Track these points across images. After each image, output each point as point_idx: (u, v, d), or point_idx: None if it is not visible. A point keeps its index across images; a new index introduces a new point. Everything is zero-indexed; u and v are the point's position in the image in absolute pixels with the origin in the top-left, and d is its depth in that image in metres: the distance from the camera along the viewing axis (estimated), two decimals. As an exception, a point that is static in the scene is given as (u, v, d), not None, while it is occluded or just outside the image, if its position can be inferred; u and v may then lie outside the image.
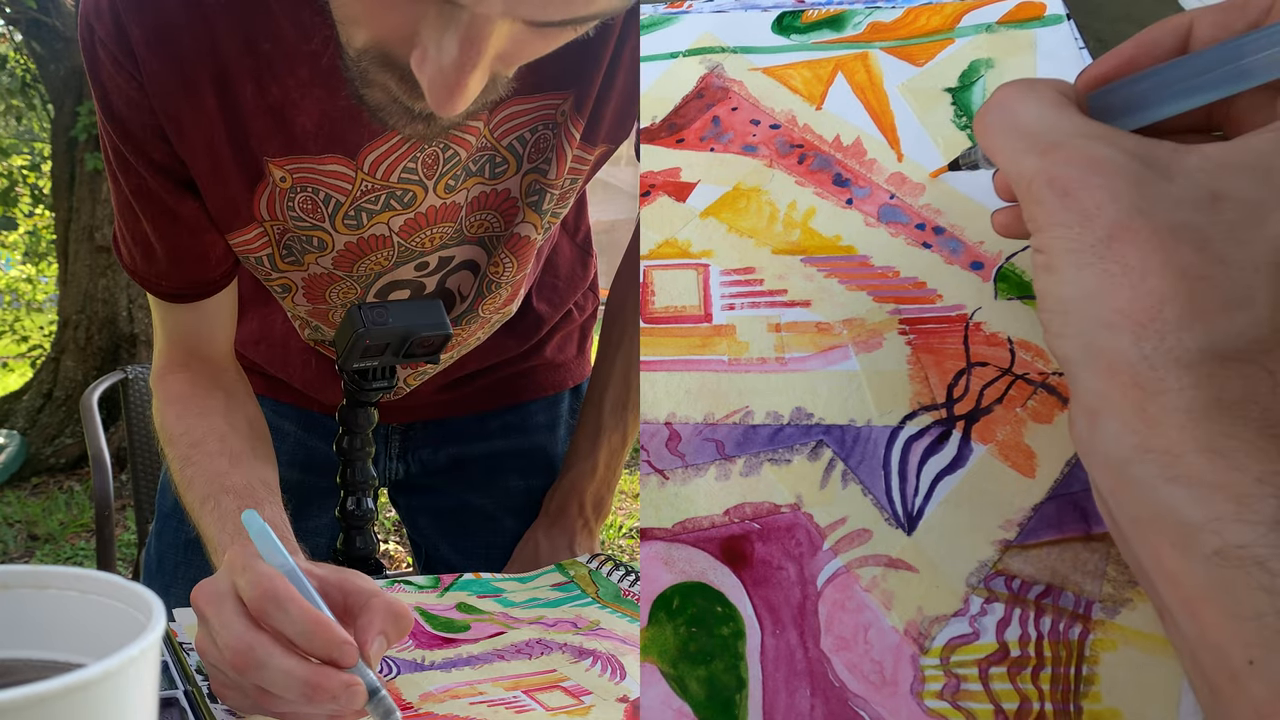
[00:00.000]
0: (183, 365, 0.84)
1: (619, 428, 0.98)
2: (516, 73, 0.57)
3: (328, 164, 0.73)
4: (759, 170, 0.44)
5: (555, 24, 0.48)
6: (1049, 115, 0.32)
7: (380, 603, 0.59)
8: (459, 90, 0.50)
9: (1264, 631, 0.26)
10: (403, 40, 0.52)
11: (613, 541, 3.66)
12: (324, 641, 0.54)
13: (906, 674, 0.35)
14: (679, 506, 0.38)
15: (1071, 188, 0.30)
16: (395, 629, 0.58)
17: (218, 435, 0.78)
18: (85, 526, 3.87)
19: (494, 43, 0.49)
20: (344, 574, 0.61)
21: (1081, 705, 0.35)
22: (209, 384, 0.83)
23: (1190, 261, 0.28)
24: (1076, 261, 0.30)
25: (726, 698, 0.36)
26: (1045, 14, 0.47)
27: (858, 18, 0.49)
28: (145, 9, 0.67)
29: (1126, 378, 0.29)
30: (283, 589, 0.55)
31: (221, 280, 0.82)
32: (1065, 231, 0.30)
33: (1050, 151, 0.31)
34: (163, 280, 0.80)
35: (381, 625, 0.58)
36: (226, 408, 0.81)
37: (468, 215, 0.80)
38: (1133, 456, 0.29)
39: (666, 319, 0.41)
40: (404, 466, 1.07)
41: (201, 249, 0.78)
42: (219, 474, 0.75)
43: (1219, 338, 0.28)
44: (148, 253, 0.79)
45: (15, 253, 7.96)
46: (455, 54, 0.49)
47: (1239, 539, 0.26)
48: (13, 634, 0.34)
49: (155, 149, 0.72)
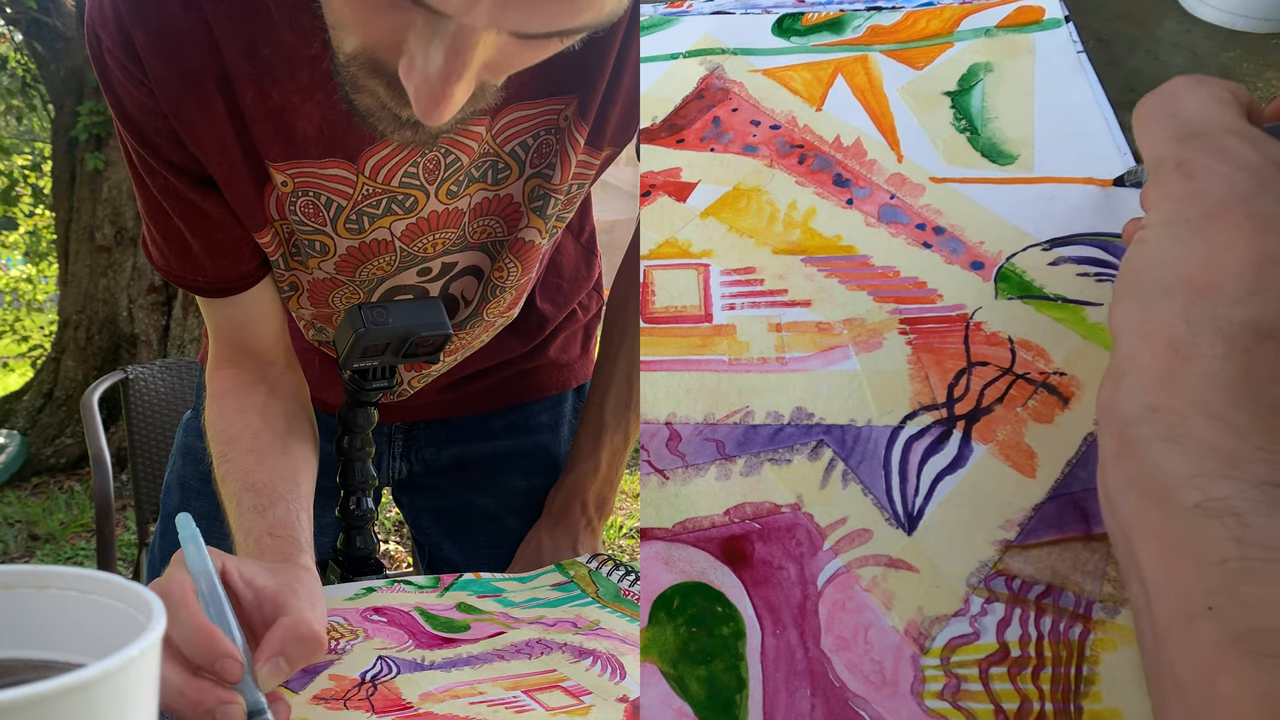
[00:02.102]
0: (230, 361, 0.84)
1: (621, 427, 0.98)
2: (519, 78, 0.57)
3: (329, 168, 0.73)
4: (759, 170, 0.44)
5: (541, 36, 0.48)
6: (1208, 109, 0.33)
7: (287, 623, 0.58)
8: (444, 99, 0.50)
9: (1226, 577, 0.26)
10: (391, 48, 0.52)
11: (613, 541, 3.66)
12: (207, 653, 0.53)
13: (907, 674, 0.35)
14: (679, 506, 0.38)
15: (1196, 171, 0.31)
16: (299, 651, 0.57)
17: (251, 432, 0.78)
18: (85, 526, 3.87)
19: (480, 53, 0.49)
20: (286, 593, 0.60)
21: (1082, 705, 0.35)
22: (253, 379, 0.83)
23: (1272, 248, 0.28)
24: (1170, 233, 0.30)
25: (727, 698, 0.36)
26: (1044, 18, 0.47)
27: (857, 21, 0.49)
28: (148, 15, 0.67)
29: (1163, 341, 0.29)
30: (178, 595, 0.54)
31: (257, 273, 0.81)
32: (1172, 205, 0.31)
33: (1191, 139, 0.32)
34: (199, 276, 0.80)
35: (280, 647, 0.56)
36: (265, 403, 0.81)
37: (471, 221, 0.80)
38: (1140, 415, 0.29)
39: (667, 319, 0.41)
40: (407, 466, 1.07)
41: (234, 242, 0.78)
42: (246, 471, 0.75)
43: (1268, 315, 0.28)
44: (182, 250, 0.79)
45: (16, 252, 7.96)
46: (441, 64, 0.49)
47: (1220, 491, 0.27)
48: (13, 634, 0.34)
49: (173, 152, 0.72)
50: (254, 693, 0.54)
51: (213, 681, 0.54)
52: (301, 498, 0.74)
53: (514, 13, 0.46)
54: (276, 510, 0.71)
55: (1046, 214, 0.42)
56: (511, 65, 0.53)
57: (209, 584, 0.57)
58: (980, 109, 0.45)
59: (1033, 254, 0.41)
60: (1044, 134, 0.44)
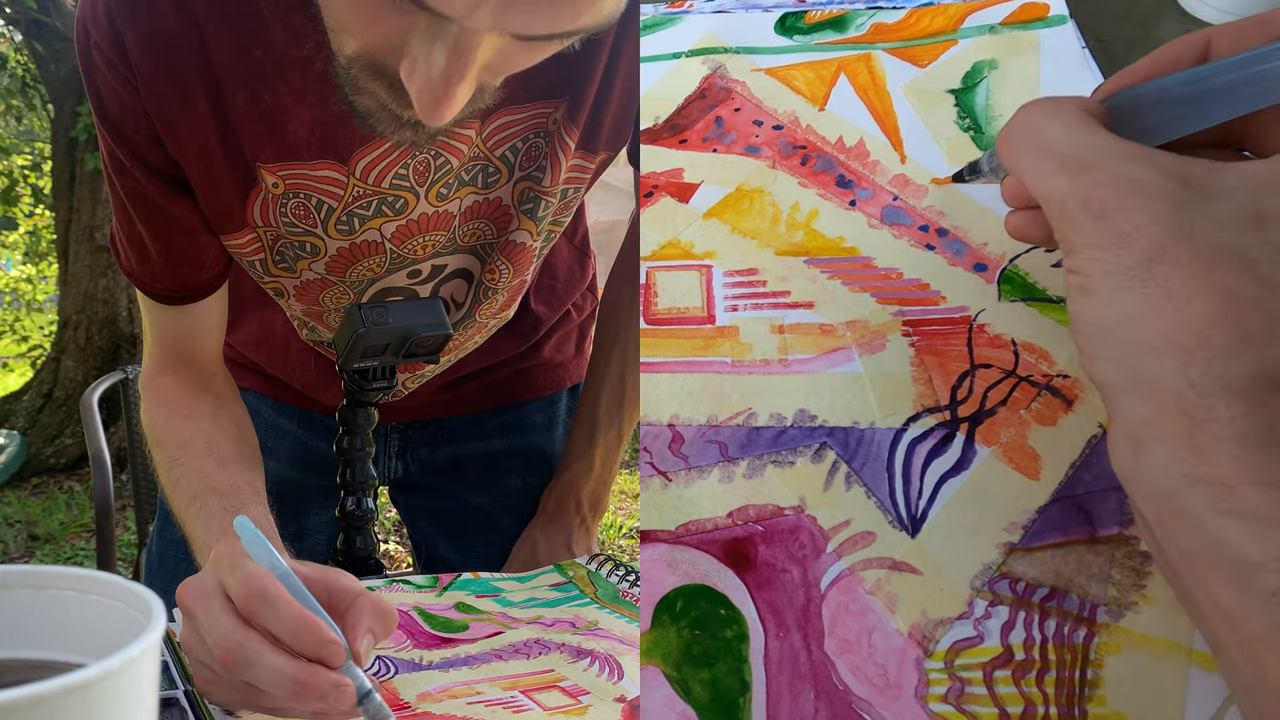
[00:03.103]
0: (171, 368, 0.85)
1: (614, 426, 0.98)
2: (506, 83, 0.58)
3: (320, 170, 0.73)
4: (762, 171, 0.44)
5: (542, 38, 0.49)
6: (1078, 135, 0.32)
7: (366, 601, 0.59)
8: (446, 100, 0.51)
9: None
10: (393, 50, 0.52)
11: (612, 542, 3.66)
12: (313, 640, 0.54)
13: (911, 677, 0.35)
14: (682, 509, 0.38)
15: (1107, 210, 0.30)
16: (381, 626, 0.59)
17: (205, 437, 0.78)
18: (85, 526, 3.87)
19: (481, 55, 0.49)
20: (329, 573, 0.61)
21: (1086, 709, 0.34)
22: (197, 387, 0.84)
23: (1236, 284, 0.27)
24: (1115, 285, 0.29)
25: (730, 701, 0.36)
26: (1049, 15, 0.47)
27: (860, 19, 0.49)
28: (139, 14, 0.67)
29: (1173, 405, 0.28)
30: (272, 588, 0.55)
31: (213, 283, 0.82)
32: (1102, 254, 0.30)
33: (1082, 172, 0.31)
34: (156, 281, 0.80)
35: (369, 623, 0.58)
36: (214, 410, 0.82)
37: (461, 224, 0.80)
38: (1181, 487, 0.27)
39: (669, 320, 0.41)
40: (403, 465, 1.07)
41: (195, 251, 0.78)
42: (206, 474, 0.75)
43: (1270, 364, 0.27)
44: (142, 254, 0.79)
45: (16, 253, 7.95)
46: (443, 65, 0.49)
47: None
48: (13, 634, 0.34)
49: (150, 152, 0.72)
50: (359, 675, 0.54)
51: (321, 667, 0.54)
52: (265, 504, 0.74)
53: (516, 16, 0.46)
54: (249, 512, 0.71)
55: (1050, 215, 0.41)
56: (511, 66, 0.54)
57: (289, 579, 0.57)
58: (985, 107, 0.44)
59: (1036, 256, 0.40)
60: (1048, 135, 0.44)
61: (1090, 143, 0.31)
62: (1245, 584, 0.26)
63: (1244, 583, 0.26)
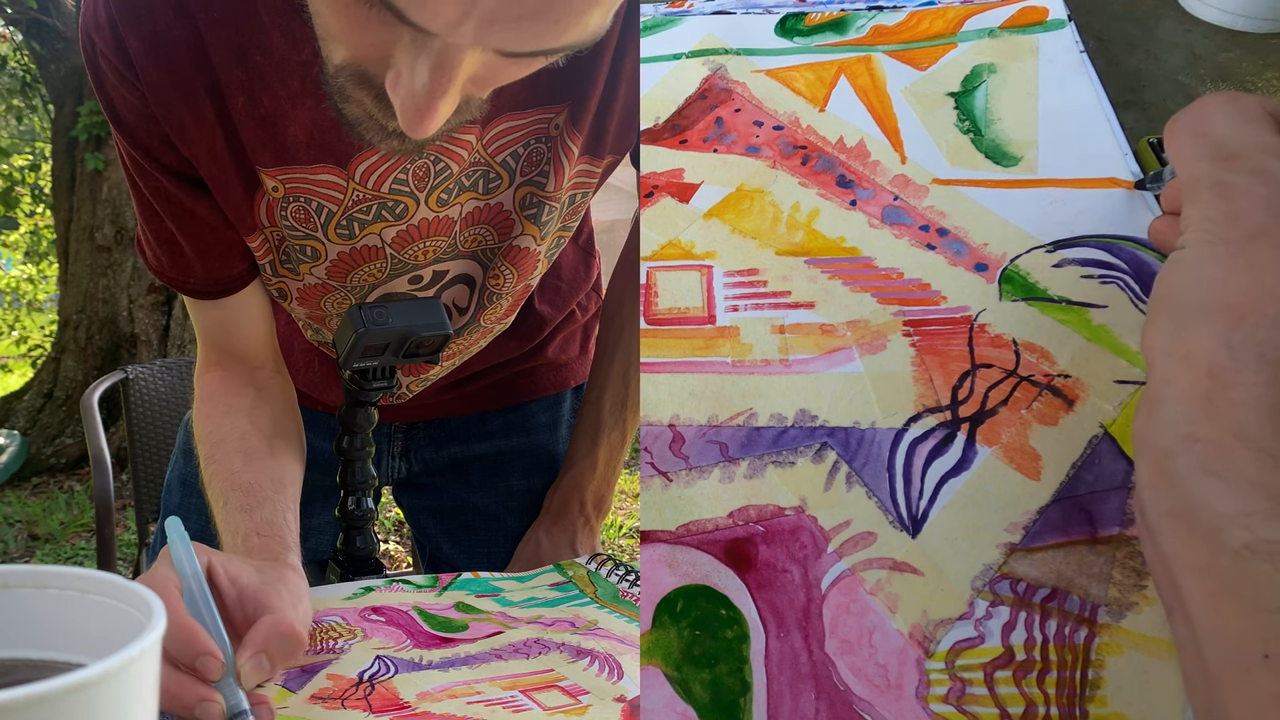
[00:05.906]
0: (217, 364, 0.85)
1: (618, 425, 0.98)
2: (508, 89, 0.58)
3: (319, 174, 0.73)
4: (762, 171, 0.44)
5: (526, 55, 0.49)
6: (1240, 128, 0.32)
7: (269, 621, 0.58)
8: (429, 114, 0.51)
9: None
10: (378, 61, 0.53)
11: (613, 541, 3.66)
12: (188, 650, 0.54)
13: (911, 678, 0.35)
14: (682, 509, 0.38)
15: (1233, 192, 0.31)
16: (280, 650, 0.58)
17: (238, 434, 0.79)
18: (85, 526, 3.87)
19: (465, 69, 0.50)
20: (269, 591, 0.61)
21: (1087, 709, 0.34)
22: (240, 382, 0.84)
23: None
24: (1210, 254, 0.30)
25: (731, 701, 0.36)
26: (1048, 19, 0.47)
27: (860, 21, 0.49)
28: (140, 20, 0.67)
29: (1202, 365, 0.29)
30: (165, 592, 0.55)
31: (247, 275, 0.82)
32: (1210, 225, 0.30)
33: (1226, 160, 0.32)
34: (189, 278, 0.81)
35: (262, 645, 0.57)
36: (252, 405, 0.82)
37: (462, 230, 0.80)
38: (1178, 446, 0.28)
39: (670, 320, 0.41)
40: (406, 465, 1.07)
41: (224, 244, 0.79)
42: (232, 472, 0.76)
43: None
44: (173, 251, 0.80)
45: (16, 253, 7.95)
46: (427, 79, 0.50)
47: (1270, 534, 0.26)
48: (13, 634, 0.34)
49: (165, 154, 0.73)
50: (236, 693, 0.54)
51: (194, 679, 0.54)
52: (288, 499, 0.75)
53: (499, 33, 0.46)
54: (264, 510, 0.71)
55: (1050, 216, 0.41)
56: (496, 80, 0.54)
57: (197, 583, 0.57)
58: (984, 110, 0.44)
59: (1037, 256, 0.40)
60: (1048, 135, 0.44)
61: (1248, 137, 0.32)
62: (1216, 537, 0.27)
63: (1215, 536, 0.27)
